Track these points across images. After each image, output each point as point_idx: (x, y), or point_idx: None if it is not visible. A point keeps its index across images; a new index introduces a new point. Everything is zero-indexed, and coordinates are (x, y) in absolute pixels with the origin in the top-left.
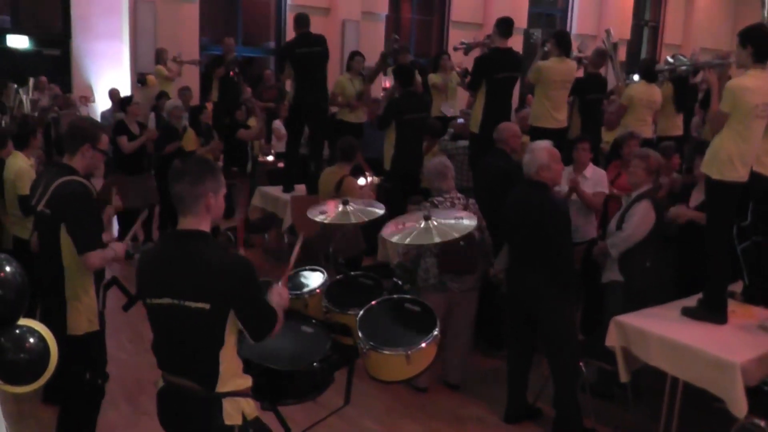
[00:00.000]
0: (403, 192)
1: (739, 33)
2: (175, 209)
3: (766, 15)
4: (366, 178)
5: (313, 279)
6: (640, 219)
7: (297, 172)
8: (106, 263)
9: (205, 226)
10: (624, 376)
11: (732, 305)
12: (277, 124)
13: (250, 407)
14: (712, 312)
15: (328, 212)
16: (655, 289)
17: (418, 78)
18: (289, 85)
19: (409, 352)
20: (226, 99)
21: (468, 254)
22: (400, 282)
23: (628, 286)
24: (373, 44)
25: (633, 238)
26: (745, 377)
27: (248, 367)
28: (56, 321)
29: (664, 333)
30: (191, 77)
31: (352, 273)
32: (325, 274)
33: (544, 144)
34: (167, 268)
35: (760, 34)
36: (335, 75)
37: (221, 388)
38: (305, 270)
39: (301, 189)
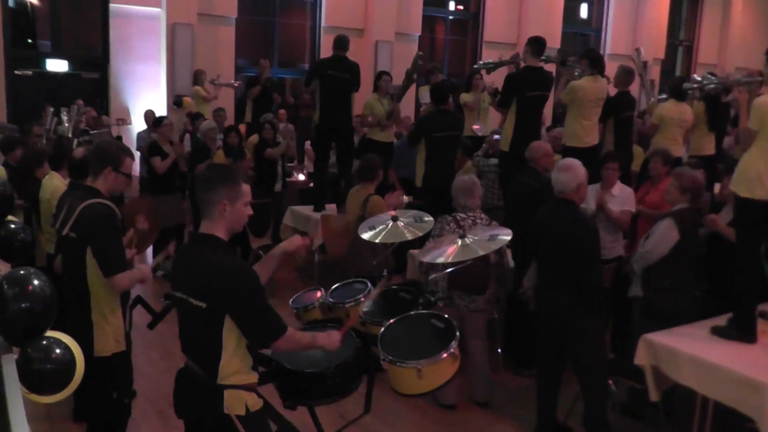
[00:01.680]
0: (435, 209)
1: (766, 51)
2: None
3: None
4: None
5: (357, 290)
6: (661, 236)
7: (327, 191)
8: (133, 284)
9: (220, 232)
10: (654, 395)
11: (762, 325)
12: (309, 144)
13: (253, 400)
14: (742, 331)
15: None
16: (672, 307)
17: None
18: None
19: (419, 367)
20: (258, 119)
21: (480, 274)
22: (433, 298)
23: (647, 302)
24: (406, 65)
25: (652, 255)
26: None
27: (264, 363)
28: (83, 343)
29: (694, 352)
30: (226, 99)
31: (394, 286)
32: (369, 286)
33: (578, 162)
34: (183, 265)
35: None
36: (368, 95)
37: (222, 380)
38: (354, 282)
39: (331, 208)
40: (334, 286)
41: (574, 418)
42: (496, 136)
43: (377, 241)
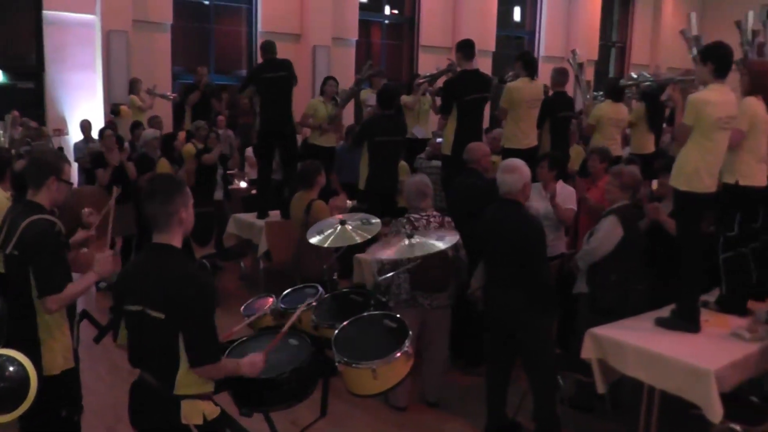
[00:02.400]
0: (379, 213)
1: (699, 50)
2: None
3: (748, 39)
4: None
5: (308, 295)
6: (605, 234)
7: (271, 197)
8: (65, 305)
9: (177, 241)
10: (601, 388)
11: (705, 314)
12: (250, 151)
13: (210, 409)
14: (686, 321)
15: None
16: (620, 302)
17: None
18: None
19: (374, 367)
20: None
21: (440, 271)
22: (384, 299)
23: (593, 298)
24: (344, 69)
25: (597, 252)
26: (719, 383)
27: None
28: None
29: (639, 343)
30: (163, 106)
31: (344, 290)
32: (321, 290)
33: (522, 163)
34: (140, 278)
35: (719, 51)
36: (307, 101)
37: (179, 391)
38: (305, 287)
39: (275, 215)
40: (285, 292)
41: (524, 413)
42: (439, 139)
43: (326, 245)
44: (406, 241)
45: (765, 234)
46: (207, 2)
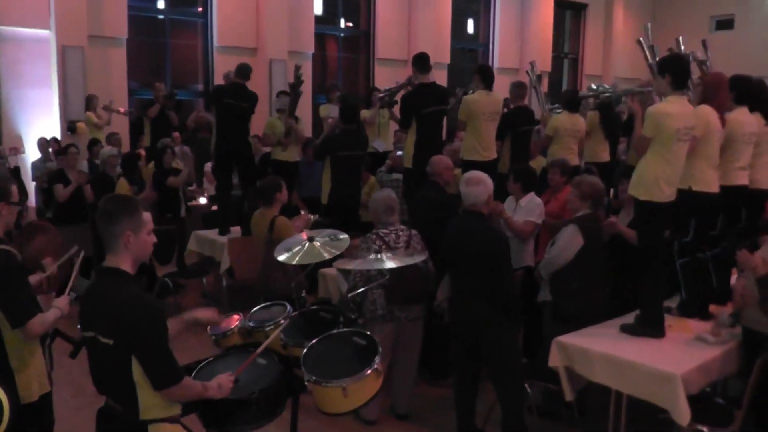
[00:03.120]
0: (342, 227)
1: (657, 63)
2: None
3: (647, 55)
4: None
5: (276, 313)
6: (565, 243)
7: (231, 214)
8: (48, 327)
9: (125, 264)
10: (569, 395)
11: (668, 320)
12: (208, 167)
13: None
14: (650, 327)
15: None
16: (582, 309)
17: None
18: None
19: (344, 385)
20: (157, 145)
21: (416, 284)
22: (353, 315)
23: (556, 306)
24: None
25: (558, 260)
26: (686, 387)
27: None
28: (7, 393)
29: (605, 350)
30: (121, 122)
31: (313, 307)
32: (289, 308)
33: (486, 175)
34: (91, 302)
35: (677, 63)
36: (264, 115)
37: (145, 415)
38: (272, 305)
39: (236, 231)
40: (253, 310)
41: (493, 423)
42: (399, 152)
43: (294, 262)
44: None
45: (724, 240)
46: (162, 17)
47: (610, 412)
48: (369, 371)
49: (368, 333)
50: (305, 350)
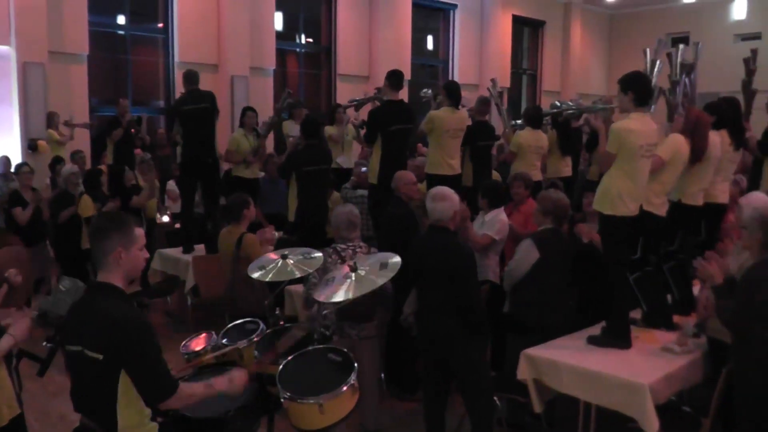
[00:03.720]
0: (310, 243)
1: (619, 80)
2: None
3: (648, 66)
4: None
5: (249, 331)
6: (521, 256)
7: (195, 232)
8: (9, 350)
9: (117, 280)
10: (538, 407)
11: (635, 331)
12: (171, 184)
13: None
14: (617, 338)
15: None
16: (540, 321)
17: None
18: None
19: (321, 402)
20: (121, 161)
21: (365, 301)
22: (327, 332)
23: (515, 317)
24: (263, 99)
25: (515, 273)
26: (654, 396)
27: (162, 413)
28: None
29: (574, 362)
30: (83, 140)
31: (287, 324)
32: (262, 325)
33: (451, 190)
34: (80, 317)
35: (639, 81)
36: (226, 130)
37: None
38: (246, 323)
39: (200, 249)
40: (225, 328)
41: None
42: (363, 168)
43: (267, 280)
44: (353, 275)
45: (682, 253)
46: (123, 32)
47: (579, 423)
48: (345, 387)
49: (344, 350)
50: (281, 367)
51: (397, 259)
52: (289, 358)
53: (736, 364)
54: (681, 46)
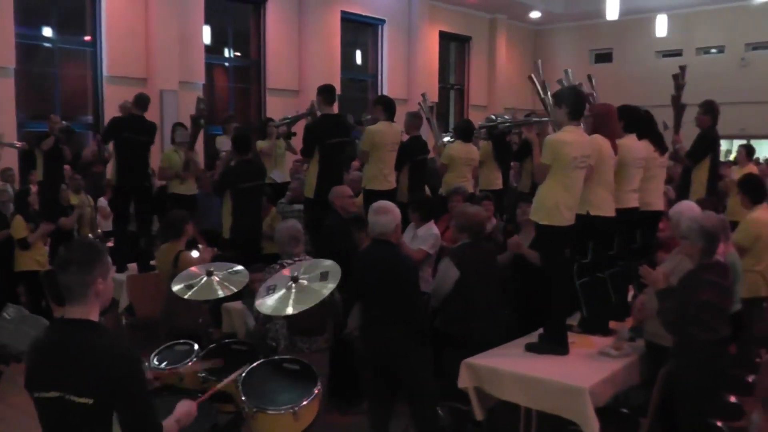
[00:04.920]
0: (246, 260)
1: (553, 95)
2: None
3: (539, 90)
4: (199, 251)
5: (185, 352)
6: (441, 275)
7: (128, 250)
8: None
9: (94, 314)
10: (479, 415)
11: (571, 337)
12: (102, 202)
13: None
14: (555, 344)
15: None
16: (468, 335)
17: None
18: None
19: (296, 409)
20: (51, 177)
21: (318, 315)
22: (274, 344)
23: (445, 332)
24: (192, 113)
25: (438, 292)
26: (593, 399)
27: None
28: None
29: (514, 368)
30: (11, 157)
31: (225, 341)
32: (196, 346)
33: (393, 204)
34: (55, 359)
35: (573, 95)
36: (156, 145)
37: None
38: (177, 344)
39: (133, 267)
40: (157, 350)
41: None
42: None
43: (187, 296)
44: (294, 287)
45: (620, 259)
46: (50, 45)
47: (521, 428)
48: (316, 390)
49: (297, 358)
50: (240, 383)
51: (337, 268)
52: (244, 374)
53: (676, 365)
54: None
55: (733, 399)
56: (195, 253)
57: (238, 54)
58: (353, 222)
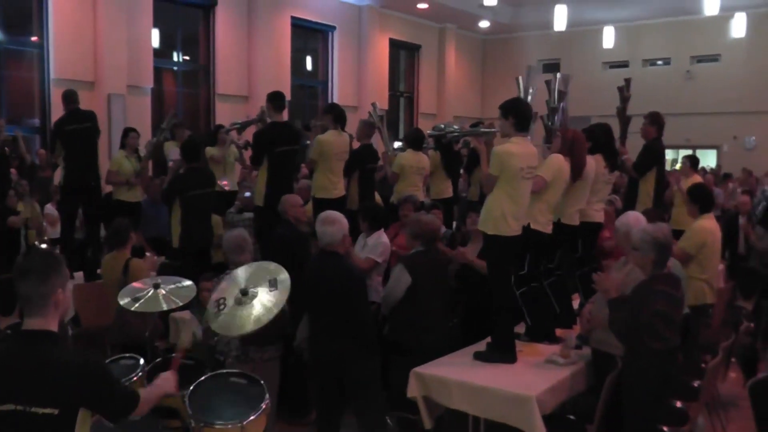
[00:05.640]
0: (195, 269)
1: (500, 106)
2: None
3: (521, 94)
4: (146, 259)
5: (130, 367)
6: (393, 282)
7: (75, 258)
8: None
9: (53, 325)
10: (428, 424)
11: (519, 345)
12: (49, 208)
13: None
14: (502, 353)
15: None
16: (418, 342)
17: None
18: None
19: (244, 423)
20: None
21: (272, 324)
22: (221, 358)
23: (394, 340)
24: (140, 118)
25: (389, 299)
26: (540, 407)
27: None
28: None
29: (462, 377)
30: None
31: (170, 355)
32: (141, 361)
33: (341, 215)
34: (11, 371)
35: (519, 107)
36: (104, 150)
37: None
38: (123, 358)
39: (80, 276)
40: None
41: None
42: (248, 193)
43: (133, 308)
44: (248, 301)
45: (560, 270)
46: None
47: None
48: (264, 405)
49: (245, 372)
50: (186, 398)
51: (285, 275)
52: (191, 387)
53: (626, 372)
54: (558, 74)
55: (678, 404)
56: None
57: (187, 58)
58: (308, 230)
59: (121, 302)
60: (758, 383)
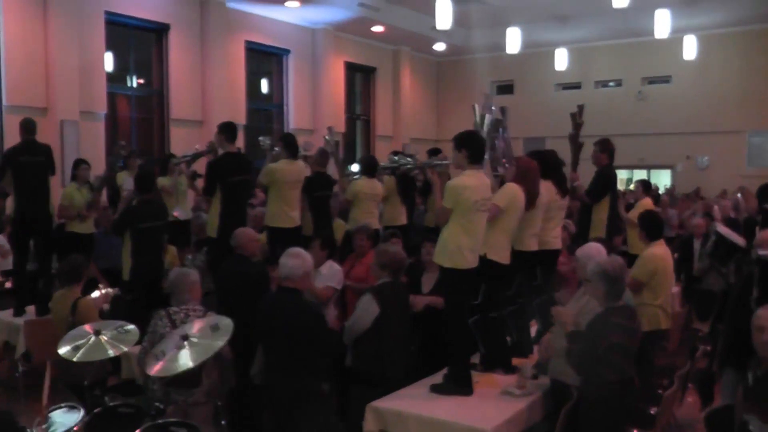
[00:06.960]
0: (146, 303)
1: (453, 138)
2: None
3: (477, 121)
4: (100, 291)
5: (69, 417)
6: (361, 311)
7: (27, 291)
8: None
9: None
10: None
11: (475, 376)
12: (1, 239)
13: None
14: (459, 385)
15: None
16: (382, 372)
17: None
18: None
19: None
20: None
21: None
22: (162, 406)
23: (357, 370)
24: (94, 145)
25: (355, 328)
26: None
27: None
28: None
29: (419, 411)
30: None
31: (111, 404)
32: (82, 410)
33: (306, 252)
34: None
35: (473, 139)
36: (57, 179)
37: None
38: (60, 408)
39: (32, 310)
40: (47, 411)
41: None
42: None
43: (75, 359)
44: (186, 344)
45: (520, 297)
46: None
47: None
48: None
49: (185, 421)
50: None
51: (228, 321)
52: None
53: (583, 403)
54: (492, 106)
55: None
56: (96, 293)
57: (141, 82)
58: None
59: (61, 352)
60: (713, 413)
